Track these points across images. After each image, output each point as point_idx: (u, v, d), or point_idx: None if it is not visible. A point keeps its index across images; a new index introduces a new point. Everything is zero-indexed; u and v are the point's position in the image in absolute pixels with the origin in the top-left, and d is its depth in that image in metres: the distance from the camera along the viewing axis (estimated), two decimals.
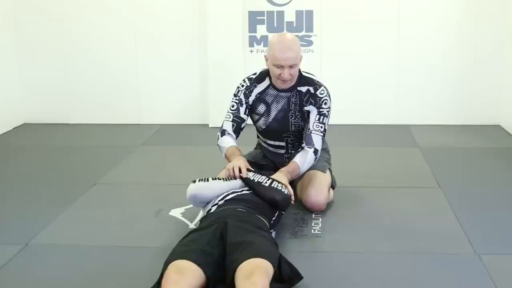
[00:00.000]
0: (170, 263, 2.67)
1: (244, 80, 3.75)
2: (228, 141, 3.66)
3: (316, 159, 3.63)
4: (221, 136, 3.70)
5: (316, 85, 3.66)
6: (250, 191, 3.36)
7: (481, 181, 4.42)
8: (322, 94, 3.65)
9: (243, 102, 3.70)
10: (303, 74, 3.69)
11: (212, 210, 3.24)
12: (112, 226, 3.62)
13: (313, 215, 3.70)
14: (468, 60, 6.02)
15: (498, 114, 6.05)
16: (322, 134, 3.65)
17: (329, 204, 3.82)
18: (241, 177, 3.43)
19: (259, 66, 6.03)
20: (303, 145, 3.64)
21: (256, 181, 3.37)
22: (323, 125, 3.66)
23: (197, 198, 3.39)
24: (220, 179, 3.44)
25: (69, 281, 2.95)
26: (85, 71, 6.37)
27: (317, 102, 3.63)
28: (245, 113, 3.72)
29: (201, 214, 3.74)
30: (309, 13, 6.09)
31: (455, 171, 4.67)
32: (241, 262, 2.63)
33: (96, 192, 4.29)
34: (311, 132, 3.62)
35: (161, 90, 6.38)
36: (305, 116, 3.69)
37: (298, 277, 2.81)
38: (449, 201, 3.95)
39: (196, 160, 5.00)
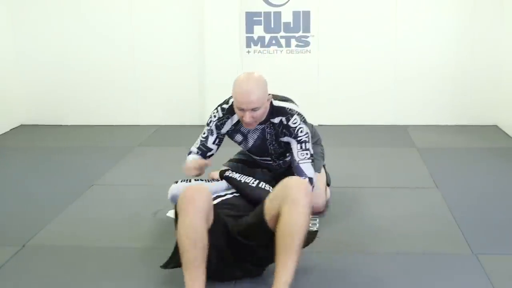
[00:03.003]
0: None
1: (217, 110, 3.51)
2: (190, 158, 3.49)
3: (313, 187, 3.40)
4: (187, 155, 3.55)
5: (288, 114, 3.40)
6: (235, 195, 3.29)
7: (479, 182, 4.42)
8: (295, 123, 3.38)
9: (214, 132, 3.50)
10: (275, 105, 3.42)
11: None
12: (110, 227, 3.62)
13: (311, 215, 3.69)
14: (465, 61, 6.02)
15: (495, 115, 6.06)
16: (310, 160, 3.42)
17: (326, 204, 3.82)
18: (226, 178, 3.38)
19: (256, 66, 6.07)
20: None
21: (243, 181, 3.33)
22: (307, 151, 3.42)
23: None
24: (203, 180, 3.39)
25: (67, 282, 2.95)
26: (83, 72, 6.37)
27: (292, 133, 3.39)
28: (214, 143, 3.52)
29: None
30: (306, 14, 6.09)
31: (452, 172, 4.68)
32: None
33: (94, 193, 4.28)
34: (298, 164, 3.38)
35: (159, 91, 6.38)
36: (283, 145, 3.52)
37: (313, 232, 2.88)
38: (447, 201, 3.95)
39: None
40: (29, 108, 6.50)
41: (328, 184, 3.93)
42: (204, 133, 3.53)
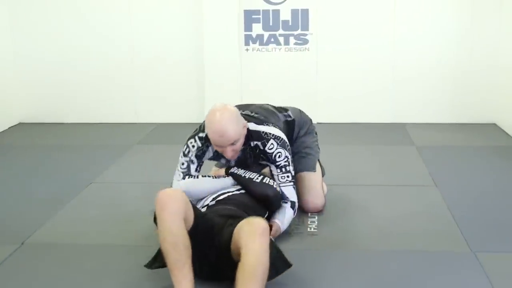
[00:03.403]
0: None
1: (194, 139, 3.39)
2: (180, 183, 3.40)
3: (295, 212, 3.42)
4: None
5: (263, 139, 3.34)
6: (241, 191, 3.32)
7: (477, 179, 4.42)
8: (271, 149, 3.34)
9: (195, 161, 3.41)
10: (251, 128, 3.35)
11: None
12: (108, 225, 3.62)
13: (309, 214, 3.70)
14: (464, 59, 6.02)
15: (494, 113, 6.06)
16: (291, 183, 3.40)
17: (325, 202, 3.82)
18: (231, 174, 3.39)
19: (255, 65, 6.12)
20: None
21: (247, 177, 3.33)
22: (288, 174, 3.39)
23: (188, 194, 3.20)
24: (210, 176, 3.40)
25: (66, 279, 2.95)
26: (82, 70, 6.36)
27: (270, 158, 3.36)
28: (196, 170, 3.44)
29: None
30: (305, 12, 6.09)
31: (451, 170, 4.68)
32: (235, 226, 2.73)
33: (92, 191, 4.28)
34: (279, 187, 3.39)
35: (158, 89, 6.38)
36: (263, 166, 3.52)
37: (286, 264, 2.79)
38: (445, 199, 3.95)
39: None
40: (27, 106, 6.49)
41: (322, 174, 3.91)
42: (183, 164, 3.41)
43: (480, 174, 4.56)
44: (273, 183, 3.33)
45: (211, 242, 2.85)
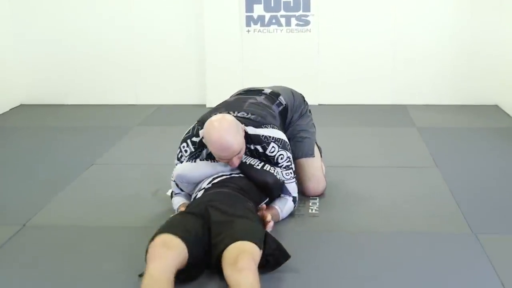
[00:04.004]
0: (155, 237, 2.69)
1: (187, 143, 3.37)
2: (177, 202, 3.38)
3: (295, 206, 3.43)
4: (171, 198, 3.47)
5: (264, 143, 3.30)
6: (239, 175, 3.29)
7: (478, 161, 4.42)
8: (272, 152, 3.31)
9: None
10: (249, 132, 3.29)
11: (198, 196, 3.20)
12: (110, 206, 3.63)
13: (310, 196, 3.70)
14: (465, 40, 5.99)
15: (495, 94, 6.04)
16: (294, 180, 3.40)
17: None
18: None
19: (256, 46, 6.09)
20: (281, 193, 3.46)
21: (247, 163, 3.30)
22: (291, 170, 3.38)
23: (184, 178, 3.30)
24: (208, 160, 3.35)
25: (66, 262, 2.96)
26: (82, 52, 6.34)
27: (272, 161, 3.33)
28: None
29: None
30: None
31: (452, 151, 4.67)
32: (226, 247, 2.65)
33: (94, 173, 4.29)
34: (283, 183, 3.36)
35: (158, 70, 6.36)
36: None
37: (285, 256, 2.78)
38: (446, 180, 3.95)
39: None
40: (29, 87, 6.48)
41: (320, 155, 3.89)
42: (176, 165, 3.40)
43: (481, 156, 4.55)
44: (274, 170, 3.30)
45: (206, 235, 2.83)
